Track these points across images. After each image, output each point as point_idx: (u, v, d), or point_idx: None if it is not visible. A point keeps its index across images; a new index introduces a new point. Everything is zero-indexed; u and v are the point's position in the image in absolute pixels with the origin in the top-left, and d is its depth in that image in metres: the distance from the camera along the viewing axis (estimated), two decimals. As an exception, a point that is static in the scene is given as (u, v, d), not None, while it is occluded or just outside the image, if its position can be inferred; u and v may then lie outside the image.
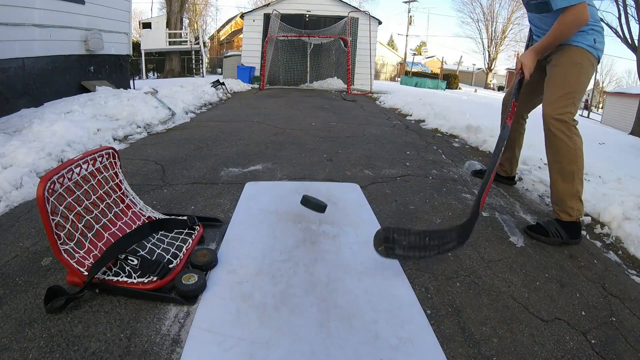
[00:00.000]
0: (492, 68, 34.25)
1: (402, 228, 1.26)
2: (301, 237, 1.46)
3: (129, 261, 1.14)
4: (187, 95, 5.26)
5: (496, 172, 2.30)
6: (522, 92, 1.95)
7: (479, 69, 36.08)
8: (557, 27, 1.57)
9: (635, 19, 10.59)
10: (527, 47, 1.93)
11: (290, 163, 2.58)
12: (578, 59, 1.63)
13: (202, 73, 17.79)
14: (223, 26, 32.89)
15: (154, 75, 19.19)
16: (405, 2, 28.36)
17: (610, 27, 10.94)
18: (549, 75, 1.74)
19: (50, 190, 1.05)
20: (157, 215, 1.49)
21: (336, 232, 1.51)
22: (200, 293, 1.11)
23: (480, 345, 1.03)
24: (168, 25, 17.12)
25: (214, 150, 2.85)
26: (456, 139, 3.77)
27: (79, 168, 1.21)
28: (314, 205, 1.53)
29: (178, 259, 1.22)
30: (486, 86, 33.00)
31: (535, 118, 2.04)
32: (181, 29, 18.07)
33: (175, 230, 1.42)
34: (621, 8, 10.80)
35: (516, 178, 2.44)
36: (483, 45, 33.42)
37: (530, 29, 1.97)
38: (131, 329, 1.00)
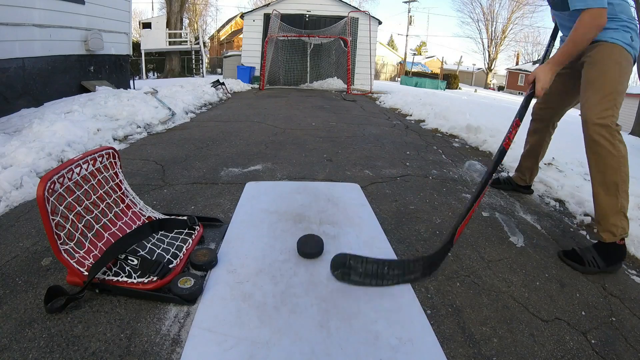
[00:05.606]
0: (492, 68, 34.28)
1: (360, 256, 1.21)
2: (301, 237, 1.46)
3: (129, 261, 1.14)
4: (187, 95, 5.26)
5: (515, 182, 2.24)
6: (554, 97, 1.83)
7: (479, 69, 36.12)
8: (575, 30, 1.44)
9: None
10: (546, 51, 1.76)
11: (291, 163, 2.58)
12: (617, 57, 1.49)
13: (202, 73, 17.79)
14: (223, 26, 32.91)
15: (154, 75, 19.19)
16: (405, 2, 28.39)
17: None
18: (585, 76, 1.58)
19: (50, 190, 1.05)
20: (157, 215, 1.49)
21: (336, 232, 1.51)
22: (196, 297, 1.10)
23: (480, 345, 1.03)
24: (168, 25, 17.12)
25: (214, 150, 2.85)
26: (456, 139, 3.77)
27: (79, 168, 1.21)
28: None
29: (178, 259, 1.22)
30: (486, 86, 33.02)
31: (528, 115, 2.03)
32: (181, 29, 18.07)
33: (175, 230, 1.42)
34: None
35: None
36: (483, 45, 33.49)
37: (553, 29, 1.83)
38: (131, 329, 1.00)
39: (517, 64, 34.27)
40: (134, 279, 1.11)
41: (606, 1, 1.39)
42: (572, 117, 3.00)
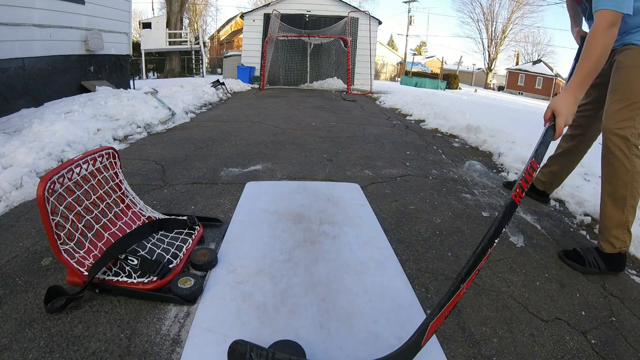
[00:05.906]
0: (492, 68, 34.30)
1: (264, 349, 0.85)
2: (301, 237, 1.46)
3: (129, 261, 1.14)
4: (187, 95, 5.26)
5: (531, 183, 2.08)
6: (590, 103, 1.71)
7: (479, 69, 36.12)
8: (587, 39, 1.27)
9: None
10: (570, 76, 1.54)
11: (291, 163, 2.58)
12: None
13: (202, 73, 17.79)
14: (223, 26, 32.90)
15: (154, 75, 19.18)
16: (405, 2, 28.38)
17: None
18: (611, 81, 1.49)
19: (50, 190, 1.05)
20: (157, 215, 1.49)
21: (336, 232, 1.51)
22: (196, 297, 1.10)
23: (480, 345, 1.03)
24: (168, 25, 17.11)
25: (214, 150, 2.85)
26: (456, 139, 3.77)
27: (79, 168, 1.21)
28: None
29: (178, 259, 1.22)
30: (486, 86, 33.04)
31: (532, 115, 2.02)
32: (181, 29, 18.06)
33: (175, 230, 1.42)
34: None
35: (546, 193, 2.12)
36: (483, 45, 33.50)
37: (578, 50, 1.64)
38: (131, 329, 1.00)
39: (517, 64, 34.28)
40: (134, 279, 1.11)
41: (626, 5, 1.22)
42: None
